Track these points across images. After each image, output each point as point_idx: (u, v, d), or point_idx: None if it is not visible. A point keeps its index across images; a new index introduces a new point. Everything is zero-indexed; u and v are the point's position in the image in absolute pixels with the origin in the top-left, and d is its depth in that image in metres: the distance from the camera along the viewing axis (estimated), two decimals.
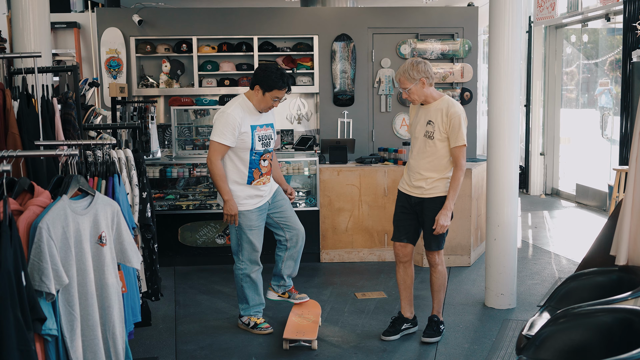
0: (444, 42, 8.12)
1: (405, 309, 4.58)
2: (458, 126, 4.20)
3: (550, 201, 9.91)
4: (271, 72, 4.34)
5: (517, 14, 4.90)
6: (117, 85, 6.69)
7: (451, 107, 4.24)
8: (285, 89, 4.38)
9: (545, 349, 2.77)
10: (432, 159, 4.29)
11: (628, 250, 3.19)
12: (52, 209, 2.46)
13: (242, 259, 4.56)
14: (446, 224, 4.24)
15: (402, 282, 4.55)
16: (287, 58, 8.11)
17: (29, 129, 3.40)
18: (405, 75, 4.23)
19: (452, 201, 4.25)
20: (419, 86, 4.24)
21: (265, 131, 4.48)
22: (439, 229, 4.25)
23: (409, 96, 4.30)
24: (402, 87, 4.28)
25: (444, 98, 4.31)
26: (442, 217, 4.24)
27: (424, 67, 4.23)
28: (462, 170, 4.24)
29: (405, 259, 4.49)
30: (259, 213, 4.52)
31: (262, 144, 4.45)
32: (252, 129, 4.39)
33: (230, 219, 4.44)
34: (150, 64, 8.18)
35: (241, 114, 4.36)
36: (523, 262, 6.33)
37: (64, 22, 8.79)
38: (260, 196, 4.51)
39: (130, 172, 3.67)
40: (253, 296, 4.62)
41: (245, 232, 4.49)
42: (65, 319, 2.52)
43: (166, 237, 6.15)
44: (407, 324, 4.56)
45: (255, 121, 4.42)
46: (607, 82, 9.48)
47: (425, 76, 4.22)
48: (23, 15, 4.70)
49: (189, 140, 7.27)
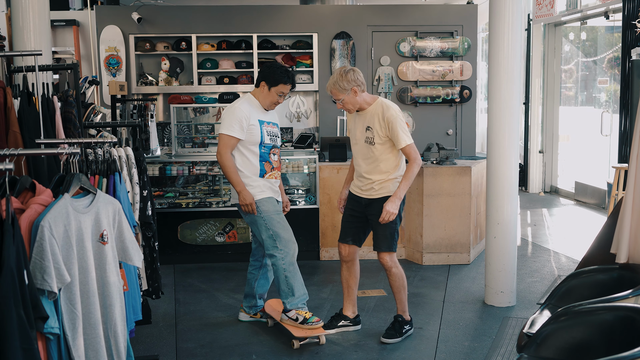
0: (444, 40, 8.12)
1: (346, 308, 4.60)
2: (396, 128, 4.18)
3: (549, 199, 9.92)
4: (276, 68, 4.44)
5: (517, 11, 4.90)
6: (117, 83, 6.68)
7: (386, 110, 4.23)
8: (289, 84, 4.45)
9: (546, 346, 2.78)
10: (377, 163, 4.31)
11: (629, 248, 3.20)
12: (53, 208, 2.46)
13: (280, 246, 4.36)
14: (392, 211, 4.19)
15: (345, 281, 4.59)
16: (287, 56, 8.11)
17: (30, 127, 3.40)
18: (336, 86, 4.24)
19: (402, 190, 4.22)
20: (351, 95, 4.25)
21: (272, 128, 4.53)
22: (384, 215, 4.19)
23: (344, 106, 4.32)
24: (335, 98, 4.31)
25: (378, 101, 4.32)
26: (389, 203, 4.20)
27: (353, 76, 4.23)
28: (417, 164, 4.21)
29: (349, 259, 4.53)
30: (276, 202, 4.52)
31: (270, 138, 4.49)
32: (261, 123, 4.44)
33: (247, 208, 4.35)
34: (150, 61, 8.17)
35: (247, 107, 4.43)
36: (522, 259, 6.34)
37: (63, 20, 8.77)
38: (275, 191, 4.52)
39: (131, 170, 3.67)
40: (299, 286, 4.44)
41: (273, 217, 4.39)
42: (67, 317, 2.52)
43: (166, 235, 6.15)
44: (345, 321, 4.57)
45: (262, 117, 4.50)
46: (606, 80, 9.49)
47: (355, 84, 4.22)
48: (23, 13, 4.69)
49: (189, 138, 7.27)
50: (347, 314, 4.60)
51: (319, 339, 4.37)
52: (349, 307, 4.61)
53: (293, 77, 4.50)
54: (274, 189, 4.51)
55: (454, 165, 6.28)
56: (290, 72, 4.49)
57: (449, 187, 6.17)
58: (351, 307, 4.61)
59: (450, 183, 6.16)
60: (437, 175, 6.16)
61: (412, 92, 8.15)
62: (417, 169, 4.24)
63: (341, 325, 4.57)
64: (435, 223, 6.20)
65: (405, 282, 4.52)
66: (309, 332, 4.35)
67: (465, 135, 8.38)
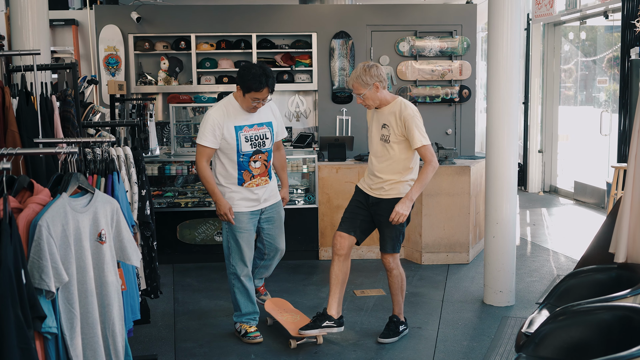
0: (443, 40, 8.12)
1: (331, 307, 4.36)
2: (412, 128, 4.13)
3: (548, 198, 9.92)
4: (249, 73, 4.12)
5: (516, 11, 4.90)
6: (116, 83, 6.68)
7: (404, 109, 4.18)
8: (262, 91, 4.13)
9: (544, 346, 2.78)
10: (390, 162, 4.25)
11: (627, 248, 3.20)
12: (51, 207, 2.46)
13: (231, 261, 4.42)
14: (403, 213, 4.12)
15: (335, 277, 4.36)
16: (286, 55, 8.10)
17: (28, 127, 3.39)
18: (359, 80, 4.20)
19: (415, 192, 4.15)
20: (372, 91, 4.21)
21: (256, 131, 4.30)
22: (394, 216, 4.12)
23: (364, 101, 4.27)
24: (356, 92, 4.25)
25: (397, 100, 4.27)
26: (400, 204, 4.13)
27: (376, 71, 4.20)
28: (432, 166, 4.13)
29: (343, 252, 4.34)
30: (250, 217, 4.39)
31: (252, 144, 4.28)
32: (237, 130, 4.24)
33: (223, 218, 4.31)
34: (149, 61, 8.16)
35: (223, 114, 4.24)
36: (521, 259, 6.34)
37: (62, 20, 8.76)
38: (254, 200, 4.38)
39: (130, 169, 3.67)
40: (245, 302, 4.46)
41: (235, 234, 4.36)
42: (65, 317, 2.52)
43: (165, 234, 6.15)
44: (329, 322, 4.34)
45: (242, 121, 4.27)
46: (605, 79, 9.49)
47: (378, 80, 4.19)
48: (22, 12, 4.69)
49: (188, 137, 7.26)
50: (332, 313, 4.35)
51: (317, 339, 4.37)
52: (334, 306, 4.36)
53: (268, 80, 4.13)
54: (252, 198, 4.36)
55: (453, 164, 6.28)
56: (264, 75, 4.12)
57: (448, 186, 6.16)
58: (336, 307, 4.37)
59: (450, 182, 6.16)
60: (436, 174, 6.14)
61: (411, 92, 8.15)
62: (432, 172, 4.16)
63: (325, 326, 4.33)
64: (434, 222, 6.20)
65: (405, 284, 4.49)
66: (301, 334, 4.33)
67: (464, 134, 8.38)
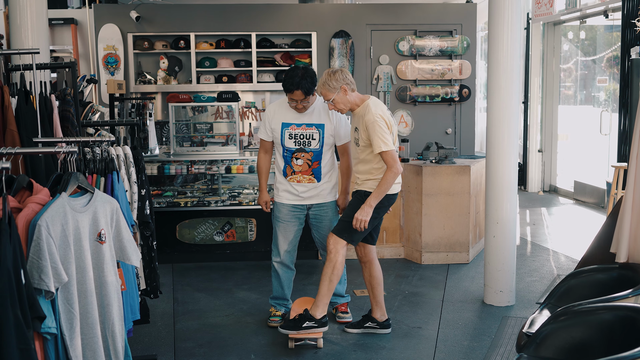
0: (443, 39, 8.11)
1: (373, 310, 4.55)
2: (373, 132, 4.10)
3: (548, 198, 9.91)
4: (287, 75, 4.36)
5: (516, 10, 4.89)
6: (115, 82, 6.66)
7: (367, 113, 4.17)
8: (293, 92, 4.33)
9: (545, 346, 2.77)
10: (363, 164, 4.30)
11: (628, 248, 3.19)
12: (51, 207, 2.45)
13: (272, 247, 4.71)
14: (361, 218, 4.12)
15: (367, 282, 4.54)
16: (285, 55, 8.10)
17: (27, 126, 3.38)
18: (325, 87, 4.24)
19: (374, 199, 4.14)
20: (341, 94, 4.23)
21: (303, 130, 4.46)
22: (355, 223, 4.13)
23: (335, 106, 4.27)
24: (326, 99, 4.28)
25: (365, 103, 4.26)
26: (360, 211, 4.14)
27: (341, 75, 4.22)
28: (392, 172, 4.10)
29: (365, 259, 4.49)
30: (290, 209, 4.56)
31: (295, 142, 4.46)
32: (284, 126, 4.47)
33: (262, 208, 4.71)
34: (148, 60, 8.15)
35: (274, 110, 4.53)
36: (522, 259, 6.33)
37: (61, 19, 8.74)
38: (293, 194, 4.54)
39: (129, 169, 3.66)
40: (276, 287, 4.74)
41: (275, 222, 4.64)
42: (64, 317, 2.51)
43: (164, 234, 6.14)
44: (372, 323, 4.52)
45: (292, 119, 4.47)
46: (605, 79, 9.48)
47: (344, 83, 4.21)
48: (20, 11, 4.68)
49: (187, 137, 7.25)
50: (375, 316, 4.52)
51: (317, 342, 4.32)
52: (375, 309, 4.53)
53: (298, 85, 4.29)
54: (292, 192, 4.53)
55: (453, 164, 6.27)
56: (297, 77, 4.30)
57: (448, 186, 6.15)
58: (378, 310, 4.52)
59: (450, 182, 6.15)
60: (436, 174, 6.15)
61: (411, 91, 8.14)
62: (394, 177, 4.13)
63: (367, 327, 4.52)
64: (434, 222, 6.19)
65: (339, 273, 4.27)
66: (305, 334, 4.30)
67: (464, 134, 8.37)
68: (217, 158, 6.48)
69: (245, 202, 6.35)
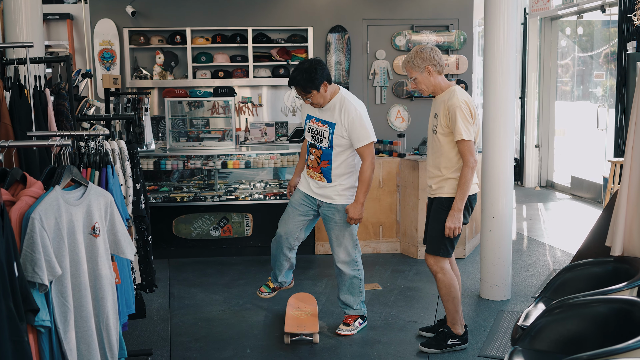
0: (439, 34, 8.10)
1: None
2: (455, 118, 3.83)
3: (545, 193, 9.92)
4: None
5: (512, 5, 4.88)
6: (111, 77, 6.65)
7: (452, 97, 3.88)
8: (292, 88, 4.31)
9: (540, 339, 2.77)
10: (437, 155, 4.01)
11: (623, 241, 3.19)
12: (44, 200, 2.44)
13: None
14: (453, 226, 3.89)
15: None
16: (282, 50, 8.08)
17: (21, 120, 3.37)
18: (410, 63, 3.97)
19: (459, 201, 3.88)
20: (425, 75, 3.95)
21: (318, 126, 4.34)
22: (446, 232, 3.91)
23: (417, 86, 4.02)
24: (409, 76, 4.04)
25: (450, 88, 3.97)
26: (448, 218, 3.90)
27: (430, 54, 3.93)
28: (469, 167, 3.84)
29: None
30: (303, 197, 4.49)
31: (312, 136, 4.40)
32: (307, 118, 4.46)
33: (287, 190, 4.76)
34: (144, 55, 8.13)
35: None
36: (518, 254, 6.34)
37: (56, 14, 8.72)
38: (308, 184, 4.47)
39: (124, 163, 3.64)
40: (272, 260, 4.65)
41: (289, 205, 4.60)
42: (58, 310, 2.51)
43: (160, 229, 6.13)
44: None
45: (315, 113, 4.38)
46: (602, 74, 9.49)
47: (431, 64, 3.92)
48: (15, 5, 4.67)
49: (183, 132, 7.23)
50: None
51: (313, 337, 4.31)
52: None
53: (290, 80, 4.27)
54: (309, 183, 4.47)
55: None
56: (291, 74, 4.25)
57: None
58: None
59: None
60: None
61: (407, 86, 8.13)
62: (471, 173, 3.86)
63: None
64: None
65: (455, 292, 4.08)
66: (300, 329, 4.30)
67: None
68: (213, 153, 6.48)
69: (242, 197, 6.34)
